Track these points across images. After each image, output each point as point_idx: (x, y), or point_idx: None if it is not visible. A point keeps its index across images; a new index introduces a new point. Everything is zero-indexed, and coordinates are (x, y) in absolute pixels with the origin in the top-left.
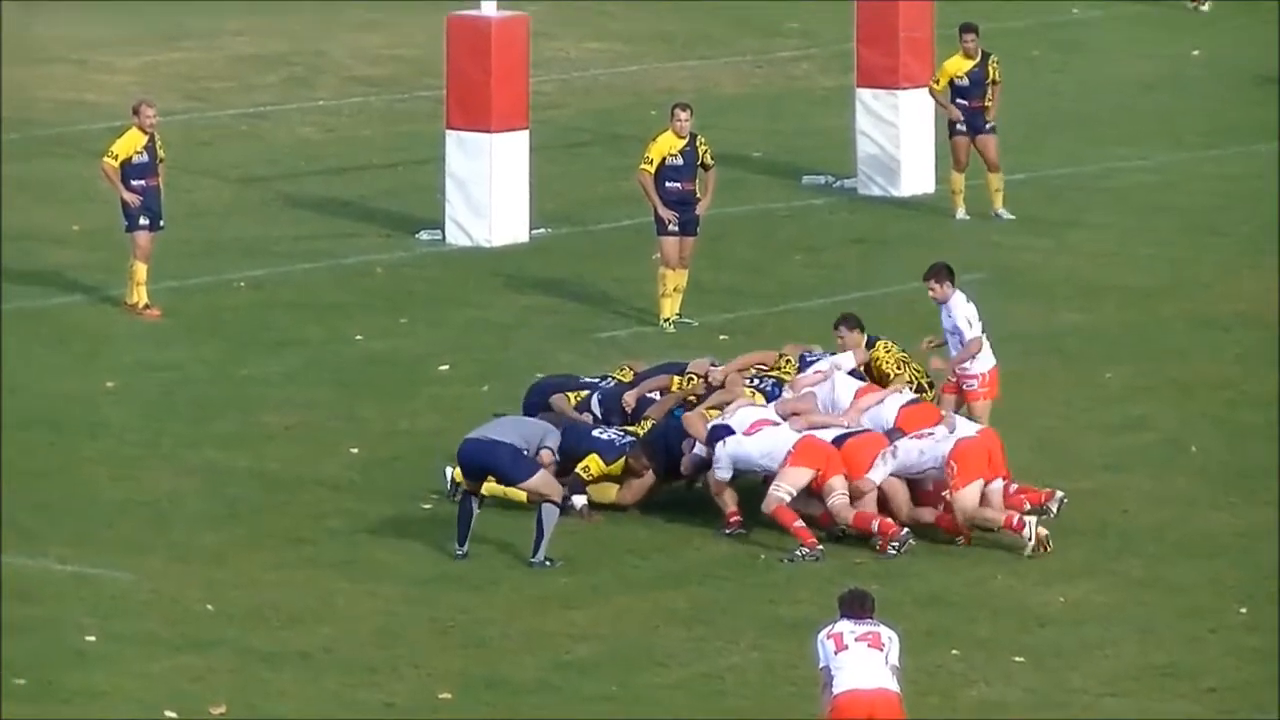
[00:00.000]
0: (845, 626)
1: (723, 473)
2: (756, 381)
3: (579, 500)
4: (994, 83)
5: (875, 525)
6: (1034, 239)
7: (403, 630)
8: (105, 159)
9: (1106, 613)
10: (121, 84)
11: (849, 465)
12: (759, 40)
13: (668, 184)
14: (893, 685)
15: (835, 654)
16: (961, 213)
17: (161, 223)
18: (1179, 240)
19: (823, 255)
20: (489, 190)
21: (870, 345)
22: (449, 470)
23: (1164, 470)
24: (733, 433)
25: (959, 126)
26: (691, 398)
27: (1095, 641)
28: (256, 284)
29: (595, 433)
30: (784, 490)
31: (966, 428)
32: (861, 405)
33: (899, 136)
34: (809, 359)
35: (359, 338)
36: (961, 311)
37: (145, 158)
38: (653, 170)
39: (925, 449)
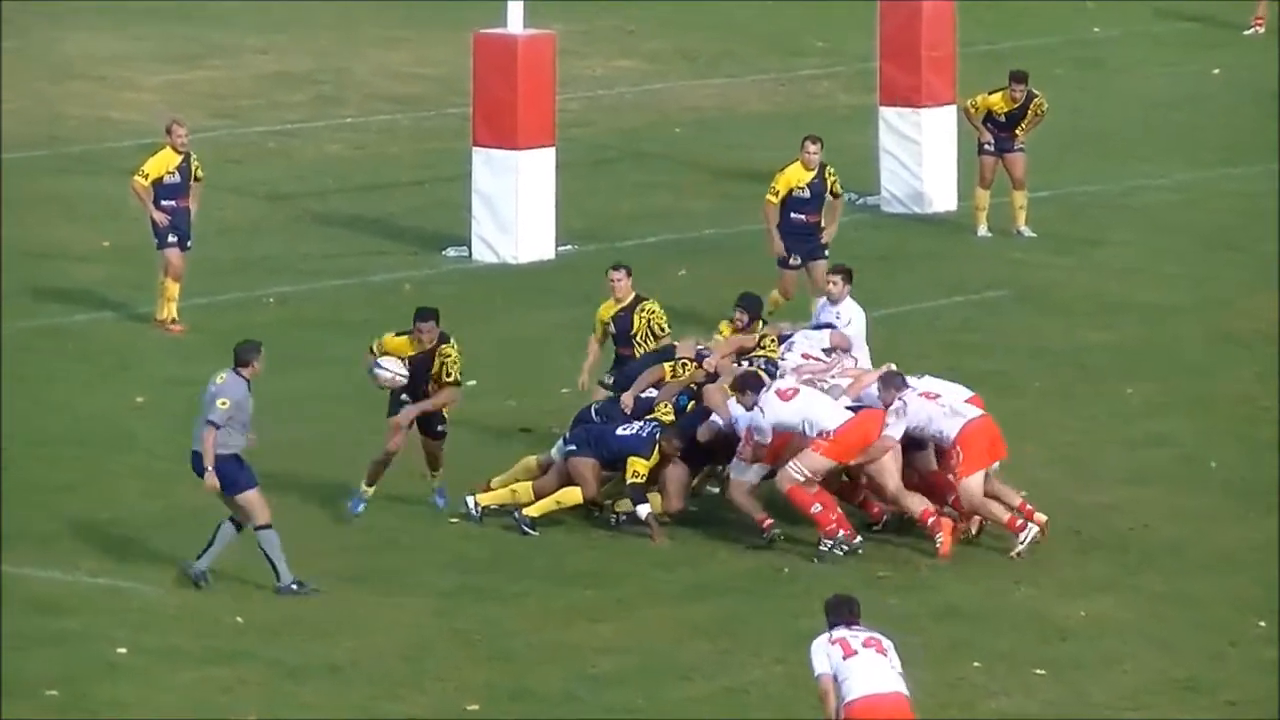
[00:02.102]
0: (847, 633)
1: (751, 474)
2: (746, 363)
3: (643, 510)
4: (1037, 115)
5: (834, 519)
6: (1056, 256)
7: (428, 643)
8: (136, 177)
9: (1126, 626)
10: (147, 102)
11: (868, 434)
12: (782, 58)
13: (792, 215)
14: (905, 689)
15: (844, 660)
16: (984, 230)
17: (189, 243)
18: (1199, 258)
19: None
20: (515, 207)
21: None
22: (470, 499)
23: (1184, 485)
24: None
25: (987, 145)
26: (693, 385)
27: (1115, 655)
28: (285, 300)
29: (620, 431)
30: (800, 471)
31: (968, 409)
32: (865, 382)
33: (921, 154)
34: (785, 335)
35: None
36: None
37: (177, 178)
38: (778, 201)
39: (934, 416)
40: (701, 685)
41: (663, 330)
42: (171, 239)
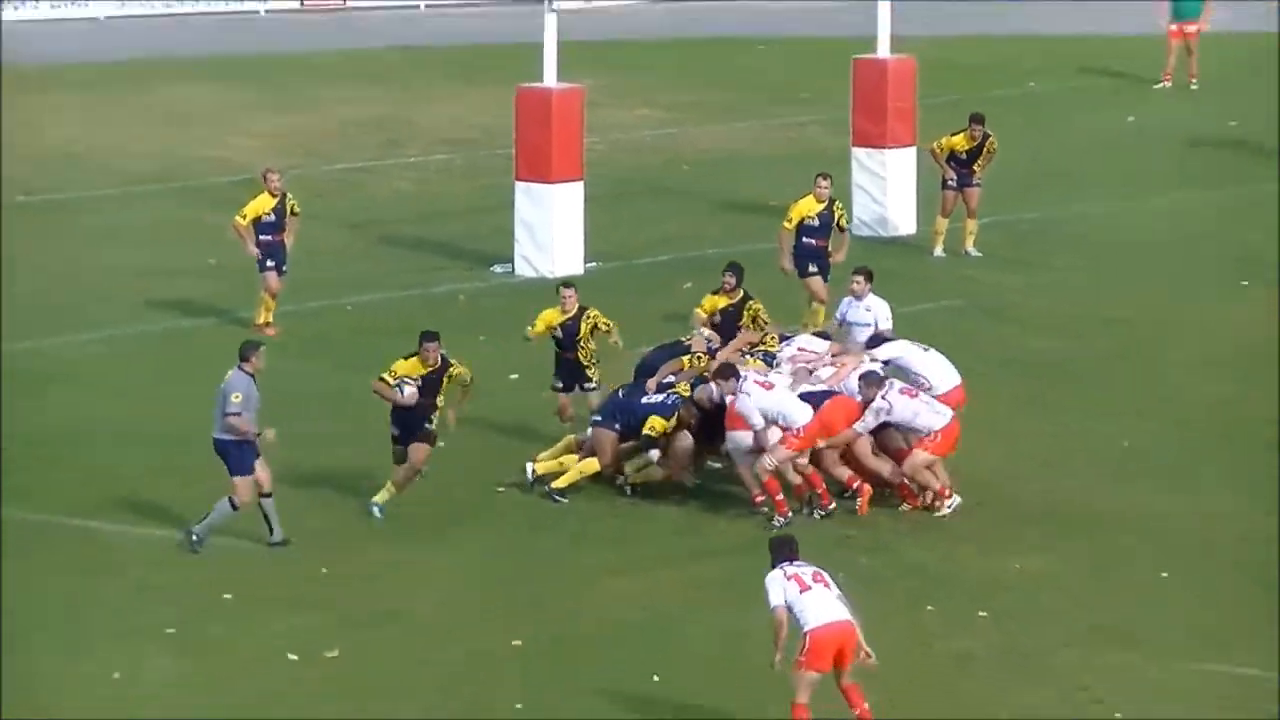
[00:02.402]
0: (796, 569)
1: (768, 460)
2: (750, 356)
3: (654, 454)
4: (990, 153)
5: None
6: (1005, 275)
7: (478, 596)
8: (236, 218)
9: (1056, 581)
10: (251, 146)
11: (829, 422)
12: (777, 107)
13: (804, 239)
14: (851, 616)
15: (800, 594)
16: (939, 251)
17: (285, 268)
18: (1135, 273)
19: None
20: (551, 231)
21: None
22: (530, 465)
23: (1121, 469)
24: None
25: (950, 181)
26: (705, 374)
27: (1048, 605)
28: (360, 309)
29: (645, 400)
30: (773, 463)
31: (944, 408)
32: (843, 374)
33: (886, 187)
34: (785, 335)
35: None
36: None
37: (273, 218)
38: (791, 228)
39: (920, 412)
40: (707, 629)
41: (606, 327)
42: (269, 264)
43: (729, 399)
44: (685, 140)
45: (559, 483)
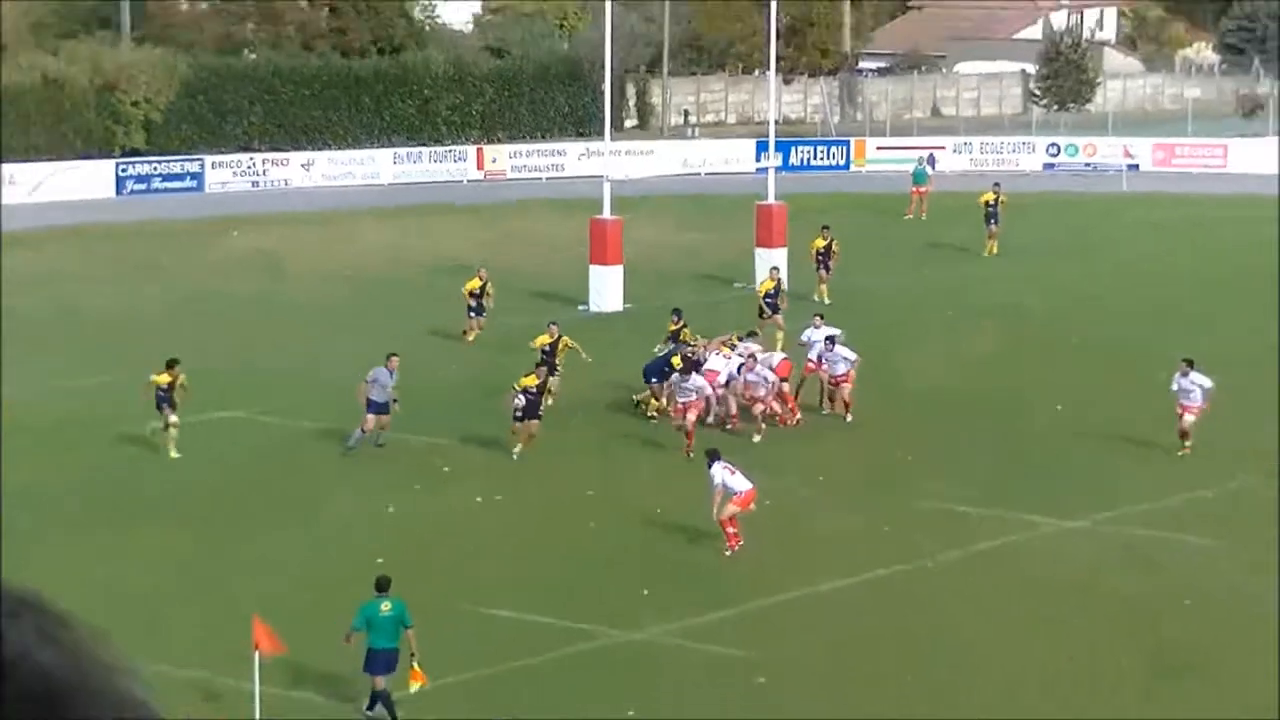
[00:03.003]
0: (724, 462)
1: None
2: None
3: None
4: (836, 251)
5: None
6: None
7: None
8: (464, 289)
9: (852, 465)
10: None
11: (750, 388)
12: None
13: (767, 299)
14: (752, 485)
15: (730, 476)
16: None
17: (483, 316)
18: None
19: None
20: (605, 288)
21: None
22: (636, 396)
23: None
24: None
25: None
26: (692, 355)
27: (872, 480)
28: (501, 330)
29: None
30: (726, 408)
31: (776, 357)
32: (760, 358)
33: (784, 270)
34: (741, 339)
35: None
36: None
37: (478, 293)
38: (760, 295)
39: (763, 374)
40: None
41: (574, 346)
42: (476, 316)
43: (711, 360)
44: (681, 245)
45: (652, 410)
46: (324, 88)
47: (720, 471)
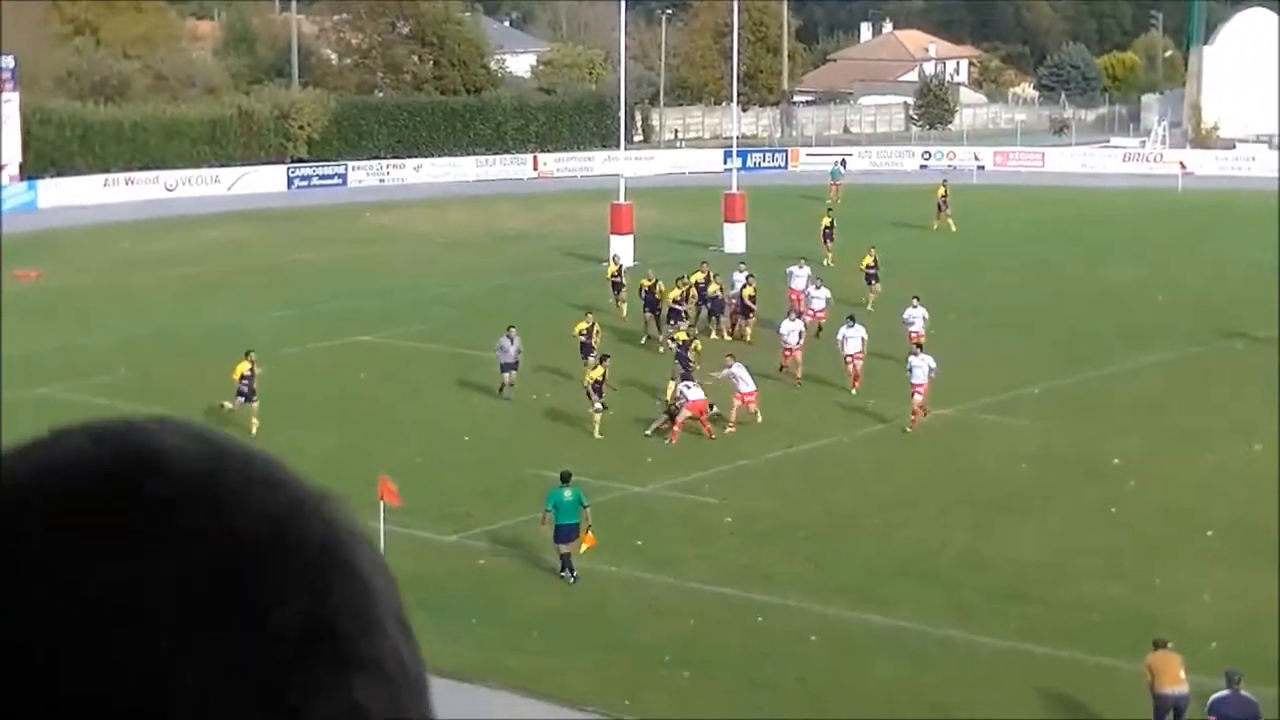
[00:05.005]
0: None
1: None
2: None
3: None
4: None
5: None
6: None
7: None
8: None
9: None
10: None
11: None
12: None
13: (735, 301)
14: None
15: (690, 388)
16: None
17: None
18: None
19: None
20: (621, 250)
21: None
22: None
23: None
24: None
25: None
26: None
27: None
28: (537, 285)
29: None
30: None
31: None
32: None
33: (742, 239)
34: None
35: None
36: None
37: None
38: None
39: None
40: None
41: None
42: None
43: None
44: (672, 222)
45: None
46: (429, 116)
47: (682, 385)
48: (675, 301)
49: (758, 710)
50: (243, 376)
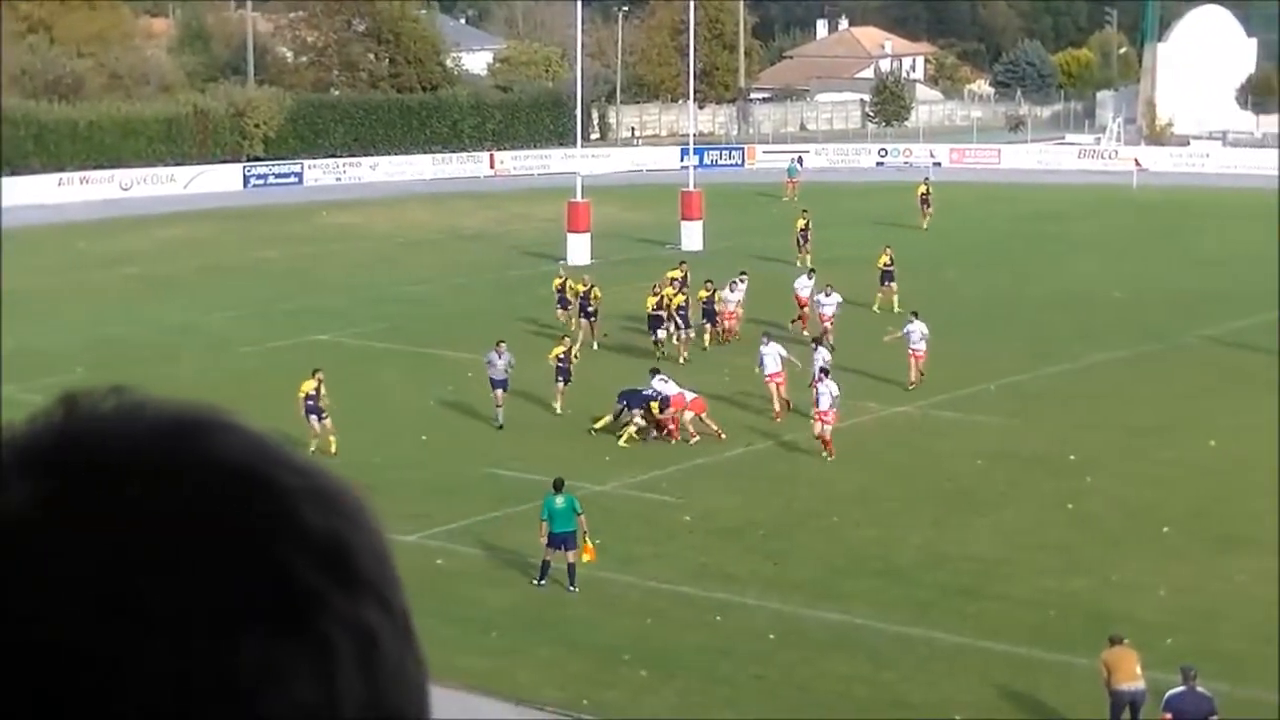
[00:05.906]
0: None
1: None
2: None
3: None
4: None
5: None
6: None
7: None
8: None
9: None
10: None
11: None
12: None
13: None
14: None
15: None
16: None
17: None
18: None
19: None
20: (579, 249)
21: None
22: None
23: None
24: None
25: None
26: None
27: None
28: (498, 280)
29: (644, 391)
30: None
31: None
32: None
33: (699, 238)
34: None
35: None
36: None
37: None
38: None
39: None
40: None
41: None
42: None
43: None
44: (629, 219)
45: (597, 425)
46: (385, 114)
47: (658, 382)
48: (653, 309)
49: (716, 708)
50: (308, 395)
